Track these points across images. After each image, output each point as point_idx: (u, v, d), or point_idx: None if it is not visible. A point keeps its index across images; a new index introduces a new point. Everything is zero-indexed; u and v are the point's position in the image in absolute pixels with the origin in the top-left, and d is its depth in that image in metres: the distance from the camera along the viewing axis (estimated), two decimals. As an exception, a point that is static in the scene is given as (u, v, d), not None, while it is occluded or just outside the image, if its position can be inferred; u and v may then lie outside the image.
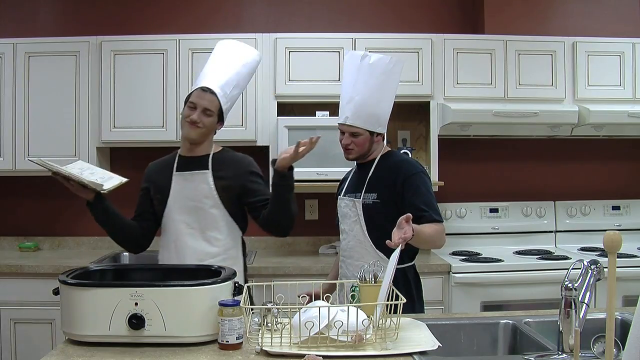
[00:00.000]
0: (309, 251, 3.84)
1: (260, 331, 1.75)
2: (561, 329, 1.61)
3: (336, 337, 1.65)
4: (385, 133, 2.49)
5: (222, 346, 1.69)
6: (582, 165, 4.05)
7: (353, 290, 2.01)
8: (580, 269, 1.67)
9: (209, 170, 2.37)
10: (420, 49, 3.60)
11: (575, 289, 1.60)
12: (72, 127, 3.56)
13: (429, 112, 3.63)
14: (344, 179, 2.61)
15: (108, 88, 3.56)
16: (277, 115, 3.55)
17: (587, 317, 1.61)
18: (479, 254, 3.59)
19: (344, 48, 3.54)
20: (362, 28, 3.83)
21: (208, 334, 1.74)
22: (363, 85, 2.36)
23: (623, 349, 1.21)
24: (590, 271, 1.64)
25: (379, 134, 2.42)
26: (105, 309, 1.72)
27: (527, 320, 1.99)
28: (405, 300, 1.72)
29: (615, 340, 1.36)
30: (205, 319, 1.73)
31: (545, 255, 3.52)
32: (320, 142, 3.46)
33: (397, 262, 1.81)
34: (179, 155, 2.46)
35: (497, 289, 3.25)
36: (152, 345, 1.71)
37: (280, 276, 3.20)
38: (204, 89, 2.36)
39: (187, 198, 2.37)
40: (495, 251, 3.63)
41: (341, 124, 2.41)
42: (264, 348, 1.65)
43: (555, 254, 3.56)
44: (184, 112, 2.38)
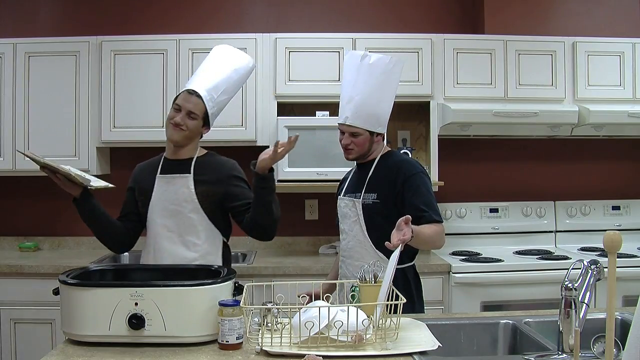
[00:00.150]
0: (309, 251, 3.84)
1: (260, 331, 1.75)
2: (561, 329, 1.61)
3: (336, 337, 1.65)
4: (385, 133, 2.49)
5: (222, 346, 1.70)
6: (582, 165, 4.05)
7: (353, 290, 2.01)
8: (580, 269, 1.67)
9: (191, 174, 2.35)
10: (420, 49, 3.60)
11: (575, 289, 1.60)
12: (72, 127, 3.57)
13: (429, 112, 3.63)
14: (344, 179, 2.61)
15: (108, 88, 3.56)
16: (277, 115, 3.55)
17: (587, 317, 1.61)
18: (479, 254, 3.59)
19: (344, 48, 3.54)
20: (362, 28, 3.83)
21: (208, 334, 1.74)
22: (363, 85, 2.36)
23: (623, 349, 1.22)
24: (590, 271, 1.64)
25: (379, 134, 2.42)
26: (105, 309, 1.72)
27: (527, 320, 1.99)
28: (405, 300, 1.72)
29: (615, 340, 1.36)
30: (205, 319, 1.73)
31: (545, 255, 3.52)
32: (320, 142, 3.53)
33: (397, 262, 1.81)
34: (164, 157, 2.45)
35: (497, 289, 3.25)
36: (152, 345, 1.71)
37: (280, 276, 3.20)
38: (191, 91, 2.35)
39: (168, 201, 2.35)
40: (495, 251, 3.63)
41: (341, 124, 2.41)
42: (264, 348, 1.65)
43: (555, 254, 3.56)
44: (170, 114, 2.37)
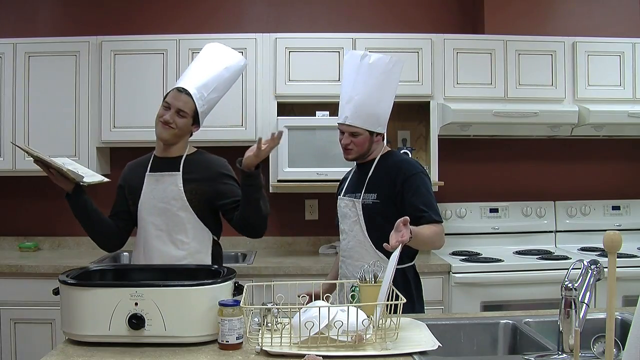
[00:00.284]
0: (309, 251, 3.84)
1: (260, 331, 1.75)
2: (561, 329, 1.61)
3: (336, 337, 1.65)
4: (385, 133, 2.49)
5: (222, 346, 1.69)
6: (582, 165, 4.05)
7: (353, 290, 2.01)
8: (580, 269, 1.67)
9: (180, 172, 2.35)
10: (420, 49, 3.60)
11: (575, 289, 1.60)
12: (72, 127, 3.57)
13: (429, 112, 3.63)
14: (344, 179, 2.60)
15: (108, 88, 3.57)
16: (277, 115, 3.55)
17: (587, 317, 1.61)
18: (479, 254, 3.59)
19: (344, 48, 3.53)
20: (362, 28, 3.83)
21: (208, 334, 1.74)
22: (363, 85, 2.35)
23: (623, 349, 1.21)
24: (590, 271, 1.64)
25: (379, 134, 2.42)
26: (105, 309, 1.72)
27: (527, 320, 1.99)
28: (405, 300, 1.72)
29: (615, 340, 1.36)
30: (205, 319, 1.73)
31: (545, 255, 3.52)
32: (320, 142, 3.53)
33: (397, 262, 1.81)
34: (153, 155, 2.44)
35: (497, 289, 3.25)
36: (152, 345, 1.71)
37: (280, 276, 3.20)
38: (180, 89, 2.33)
39: (156, 199, 2.35)
40: (495, 251, 3.63)
41: (341, 124, 2.40)
42: (264, 348, 1.65)
43: (555, 254, 3.56)
44: (159, 111, 2.36)
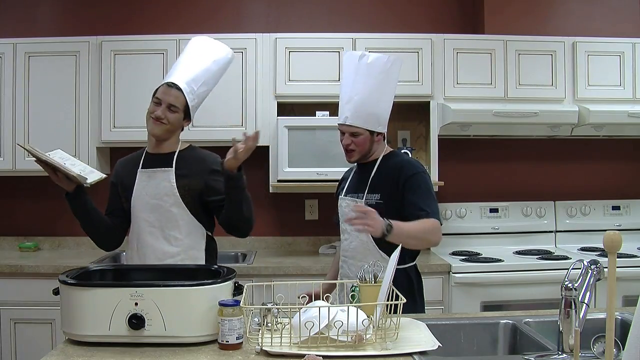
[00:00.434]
0: (309, 251, 3.84)
1: (260, 331, 1.75)
2: (561, 329, 1.61)
3: (336, 337, 1.65)
4: (386, 133, 2.48)
5: (222, 346, 1.69)
6: (582, 165, 4.05)
7: (353, 290, 2.01)
8: (580, 269, 1.67)
9: (172, 168, 2.33)
10: (420, 49, 3.60)
11: (575, 289, 1.60)
12: (72, 127, 3.57)
13: (429, 112, 3.63)
14: (344, 178, 2.60)
15: (108, 88, 3.57)
16: (277, 115, 3.55)
17: (587, 317, 1.61)
18: (479, 254, 3.59)
19: (344, 48, 3.54)
20: (362, 28, 3.83)
21: (208, 334, 1.74)
22: (362, 85, 2.35)
23: (623, 349, 1.21)
24: (590, 271, 1.64)
25: (380, 134, 2.41)
26: (105, 309, 1.71)
27: (527, 320, 1.99)
28: (405, 300, 1.72)
29: (615, 340, 1.36)
30: (205, 319, 1.73)
31: (545, 255, 3.52)
32: (320, 142, 3.53)
33: (397, 262, 1.81)
34: (145, 152, 2.43)
35: (497, 289, 3.25)
36: (152, 345, 1.71)
37: (280, 276, 3.20)
38: (170, 84, 2.32)
39: (149, 195, 2.33)
40: (495, 251, 3.63)
41: (341, 124, 2.40)
42: (264, 348, 1.65)
43: (555, 254, 3.56)
44: (150, 108, 2.34)
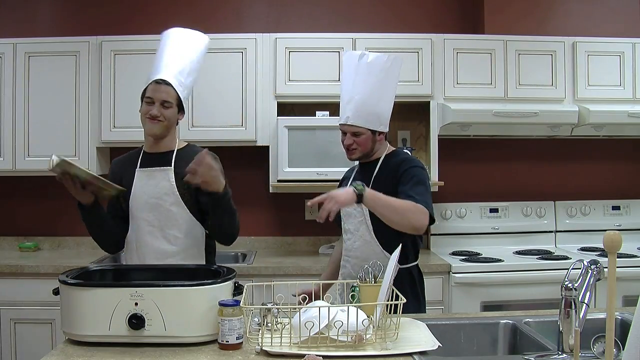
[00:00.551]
0: (309, 251, 3.84)
1: (260, 331, 1.75)
2: (561, 329, 1.61)
3: (336, 337, 1.65)
4: (387, 132, 2.47)
5: (222, 346, 1.69)
6: (582, 165, 4.05)
7: (353, 290, 2.01)
8: (580, 269, 1.67)
9: (171, 167, 2.31)
10: (420, 49, 3.60)
11: (575, 289, 1.60)
12: (72, 127, 3.57)
13: (429, 112, 3.63)
14: (345, 178, 2.59)
15: (108, 88, 3.57)
16: (277, 115, 3.55)
17: (587, 317, 1.61)
18: (479, 254, 3.59)
19: (344, 48, 3.54)
20: (362, 28, 3.83)
21: (208, 334, 1.74)
22: (362, 84, 2.35)
23: (623, 349, 1.21)
24: (590, 271, 1.64)
25: (381, 133, 2.40)
26: (105, 309, 1.71)
27: (527, 320, 1.99)
28: (405, 300, 1.72)
29: (615, 340, 1.36)
30: (205, 319, 1.73)
31: (545, 255, 3.52)
32: (320, 142, 3.53)
33: (397, 262, 1.81)
34: (143, 151, 2.40)
35: (497, 289, 3.25)
36: (152, 345, 1.71)
37: (280, 276, 3.20)
38: (159, 81, 2.28)
39: (148, 195, 2.31)
40: (495, 251, 3.63)
41: (342, 124, 2.39)
42: (264, 348, 1.65)
43: (555, 254, 3.56)
44: (143, 109, 2.30)
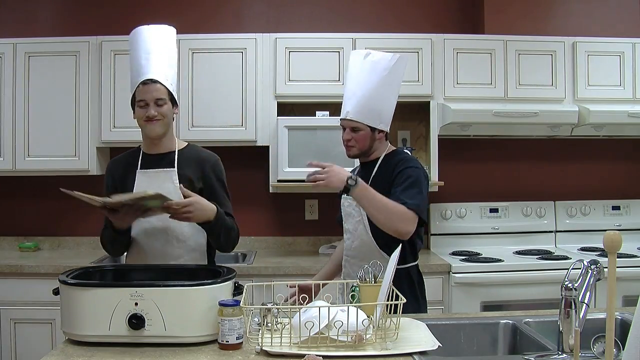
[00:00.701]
0: (309, 251, 3.84)
1: (260, 331, 1.75)
2: (561, 329, 1.61)
3: (336, 337, 1.65)
4: (388, 131, 2.46)
5: (222, 346, 1.69)
6: (582, 165, 4.05)
7: (353, 290, 2.01)
8: (580, 269, 1.67)
9: (175, 168, 2.28)
10: (420, 49, 3.60)
11: (575, 289, 1.60)
12: (72, 127, 3.57)
13: (429, 112, 3.63)
14: None
15: (108, 88, 3.56)
16: (277, 115, 3.55)
17: (587, 317, 1.61)
18: (479, 254, 3.59)
19: (344, 48, 3.54)
20: (362, 28, 3.83)
21: (208, 334, 1.74)
22: (365, 81, 2.35)
23: (623, 349, 1.21)
24: (590, 271, 1.64)
25: (381, 131, 2.39)
26: (105, 309, 1.71)
27: (527, 320, 1.99)
28: (405, 300, 1.72)
29: (615, 340, 1.36)
30: (205, 319, 1.73)
31: (545, 255, 3.52)
32: (321, 142, 3.53)
33: (397, 262, 1.81)
34: (142, 152, 2.34)
35: (497, 289, 3.25)
36: (152, 345, 1.71)
37: (280, 276, 3.20)
38: (146, 82, 2.24)
39: None
40: (495, 251, 3.63)
41: (342, 119, 2.40)
42: (264, 348, 1.65)
43: (555, 254, 3.56)
44: (138, 114, 2.25)
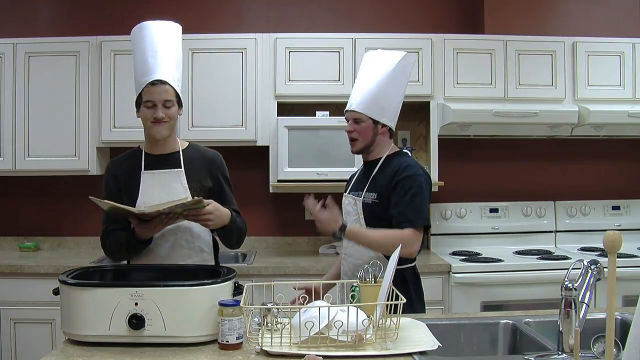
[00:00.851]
0: (309, 251, 3.84)
1: (260, 331, 1.75)
2: (561, 329, 1.61)
3: (336, 337, 1.65)
4: (393, 129, 2.44)
5: (222, 346, 1.69)
6: (582, 165, 4.05)
7: (353, 290, 2.01)
8: (580, 269, 1.67)
9: (182, 168, 2.27)
10: (420, 49, 3.60)
11: (575, 289, 1.60)
12: (72, 127, 3.57)
13: (429, 112, 3.63)
14: (352, 176, 2.61)
15: (108, 88, 3.56)
16: (277, 115, 3.55)
17: (587, 317, 1.61)
18: (479, 254, 3.59)
19: (344, 48, 3.55)
20: (362, 28, 3.83)
21: (208, 334, 1.74)
22: (370, 76, 2.38)
23: (623, 349, 1.21)
24: (590, 271, 1.64)
25: (384, 126, 2.39)
26: (105, 309, 1.71)
27: (527, 320, 1.99)
28: (405, 300, 1.72)
29: (615, 340, 1.36)
30: (205, 319, 1.73)
31: (545, 255, 3.52)
32: (321, 142, 3.54)
33: (397, 262, 1.81)
34: (145, 152, 2.32)
35: (497, 289, 3.25)
36: (152, 345, 1.71)
37: (280, 276, 3.20)
38: (155, 82, 2.22)
39: (159, 198, 2.22)
40: (495, 251, 3.63)
41: (346, 111, 2.42)
42: (264, 348, 1.65)
43: (555, 254, 3.56)
44: (144, 114, 2.23)
